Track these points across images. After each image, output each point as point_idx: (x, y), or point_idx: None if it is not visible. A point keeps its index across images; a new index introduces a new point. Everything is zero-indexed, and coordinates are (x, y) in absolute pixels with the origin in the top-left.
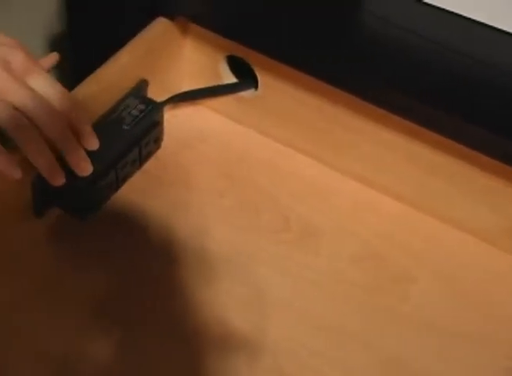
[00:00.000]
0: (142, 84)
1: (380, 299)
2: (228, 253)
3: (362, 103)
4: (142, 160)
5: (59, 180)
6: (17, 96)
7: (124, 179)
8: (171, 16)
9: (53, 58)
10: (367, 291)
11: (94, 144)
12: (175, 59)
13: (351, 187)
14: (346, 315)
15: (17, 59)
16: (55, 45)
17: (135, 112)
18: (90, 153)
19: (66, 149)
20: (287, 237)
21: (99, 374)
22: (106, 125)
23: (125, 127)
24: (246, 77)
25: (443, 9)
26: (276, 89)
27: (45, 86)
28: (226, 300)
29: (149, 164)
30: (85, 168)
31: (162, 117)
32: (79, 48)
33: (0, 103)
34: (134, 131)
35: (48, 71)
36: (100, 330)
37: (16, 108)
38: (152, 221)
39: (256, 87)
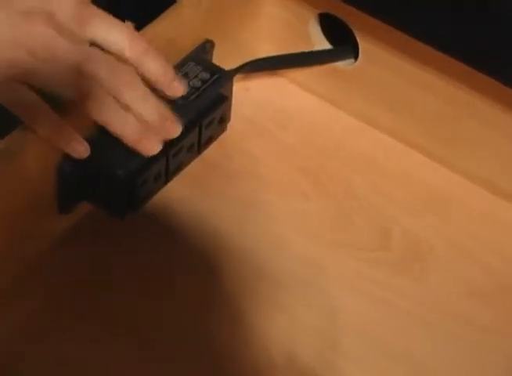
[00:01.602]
0: (207, 47)
1: (500, 343)
2: (304, 272)
3: (495, 84)
4: (201, 145)
5: (155, 149)
6: (71, 56)
7: (177, 170)
8: None
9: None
10: (485, 331)
11: (179, 89)
12: (251, 15)
13: (473, 194)
14: (456, 360)
15: (62, 7)
16: None
17: (195, 82)
18: None
19: (131, 100)
20: (385, 257)
21: None
22: (157, 98)
23: (182, 101)
24: (343, 42)
25: None
26: (381, 61)
27: (108, 32)
28: (294, 330)
29: (210, 152)
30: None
31: (231, 90)
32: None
33: (55, 66)
34: (193, 106)
35: None
36: (129, 352)
37: (74, 68)
38: (207, 226)
39: (356, 56)
